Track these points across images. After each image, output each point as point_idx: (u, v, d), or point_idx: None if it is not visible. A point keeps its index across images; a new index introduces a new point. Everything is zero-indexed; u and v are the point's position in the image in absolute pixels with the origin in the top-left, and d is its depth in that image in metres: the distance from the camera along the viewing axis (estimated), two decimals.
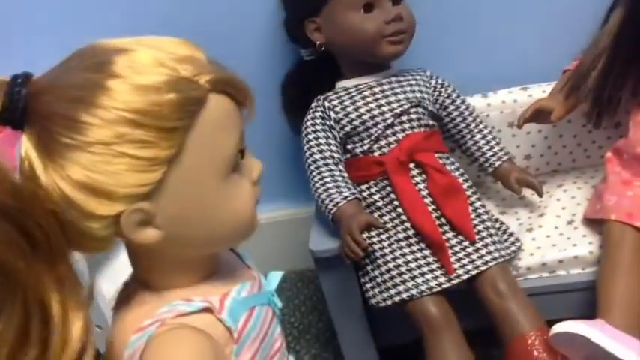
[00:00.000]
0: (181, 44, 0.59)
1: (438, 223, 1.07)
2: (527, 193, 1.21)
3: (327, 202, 1.08)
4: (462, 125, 1.21)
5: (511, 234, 1.14)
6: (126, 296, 0.65)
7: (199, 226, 0.60)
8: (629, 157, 1.11)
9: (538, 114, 1.15)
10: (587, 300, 1.06)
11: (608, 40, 1.13)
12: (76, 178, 0.54)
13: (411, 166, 1.10)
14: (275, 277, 0.73)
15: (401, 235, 1.08)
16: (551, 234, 1.15)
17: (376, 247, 1.08)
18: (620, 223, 1.06)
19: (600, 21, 1.17)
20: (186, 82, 0.56)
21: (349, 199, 1.07)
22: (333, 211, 1.06)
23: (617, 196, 1.09)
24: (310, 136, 1.13)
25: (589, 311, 1.02)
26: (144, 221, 0.57)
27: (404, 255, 1.06)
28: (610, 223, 1.07)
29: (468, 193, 1.12)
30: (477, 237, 1.07)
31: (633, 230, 1.05)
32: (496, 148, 1.20)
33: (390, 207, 1.10)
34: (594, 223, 1.12)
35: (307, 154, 1.12)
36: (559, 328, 0.96)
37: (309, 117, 1.14)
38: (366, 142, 1.12)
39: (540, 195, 1.16)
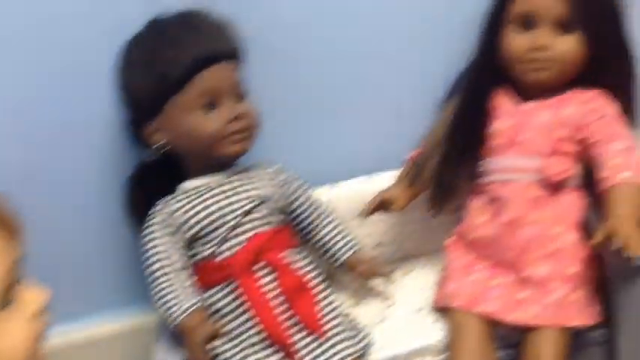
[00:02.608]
0: None
1: (288, 323, 1.05)
2: (378, 282, 1.21)
3: (169, 312, 1.04)
4: (311, 219, 1.21)
5: (361, 329, 1.13)
6: None
7: None
8: (469, 242, 1.15)
9: (382, 204, 1.17)
10: None
11: (444, 130, 1.17)
12: None
13: (260, 265, 1.08)
14: None
15: (250, 341, 1.04)
16: (401, 324, 1.15)
17: (226, 355, 1.04)
18: (464, 309, 1.07)
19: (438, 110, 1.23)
20: None
21: (192, 308, 1.03)
22: (176, 323, 1.02)
23: (459, 282, 1.11)
24: (151, 243, 1.09)
25: None
26: None
27: None
28: (454, 310, 1.09)
29: (319, 288, 1.11)
30: (327, 335, 1.06)
31: (476, 315, 1.07)
32: (345, 240, 1.20)
33: (238, 311, 1.07)
34: (441, 309, 1.14)
35: (148, 262, 1.08)
36: None
37: (149, 222, 1.11)
38: (210, 245, 1.09)
39: (390, 284, 1.17)
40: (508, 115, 1.13)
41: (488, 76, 1.15)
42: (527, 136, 1.11)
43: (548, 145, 1.10)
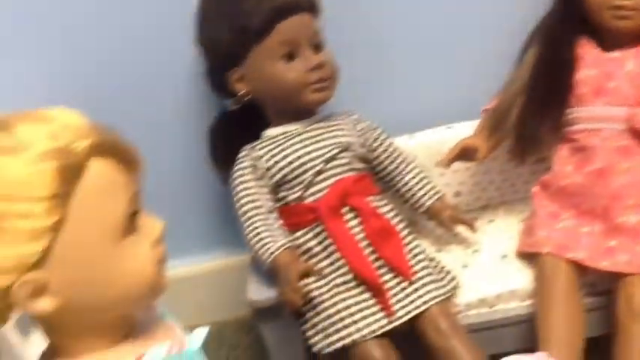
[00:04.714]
0: (60, 113, 0.59)
1: (375, 265, 1.06)
2: (461, 229, 1.22)
3: (262, 251, 1.06)
4: (392, 167, 1.21)
5: (448, 272, 1.13)
6: None
7: (96, 290, 0.60)
8: (556, 190, 1.13)
9: (464, 153, 1.16)
10: (529, 332, 1.06)
11: (525, 78, 1.16)
12: None
13: (345, 210, 1.10)
14: (199, 335, 0.70)
15: (339, 280, 1.06)
16: (486, 269, 1.15)
17: (315, 293, 1.06)
18: (553, 255, 1.07)
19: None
20: (63, 151, 0.56)
21: (284, 247, 1.05)
22: (269, 261, 1.04)
23: (547, 229, 1.10)
24: (240, 187, 1.11)
25: (532, 343, 1.02)
26: (37, 291, 0.56)
27: (344, 300, 1.05)
28: (543, 257, 1.08)
29: (403, 233, 1.12)
30: (414, 277, 1.07)
31: (566, 262, 1.06)
32: (427, 187, 1.20)
33: (326, 252, 1.08)
34: (527, 256, 1.13)
35: (238, 205, 1.10)
36: None
37: (237, 168, 1.12)
38: (297, 189, 1.10)
39: (474, 231, 1.17)
40: (593, 63, 1.12)
41: (569, 25, 1.13)
42: (613, 85, 1.09)
43: (635, 94, 1.08)
